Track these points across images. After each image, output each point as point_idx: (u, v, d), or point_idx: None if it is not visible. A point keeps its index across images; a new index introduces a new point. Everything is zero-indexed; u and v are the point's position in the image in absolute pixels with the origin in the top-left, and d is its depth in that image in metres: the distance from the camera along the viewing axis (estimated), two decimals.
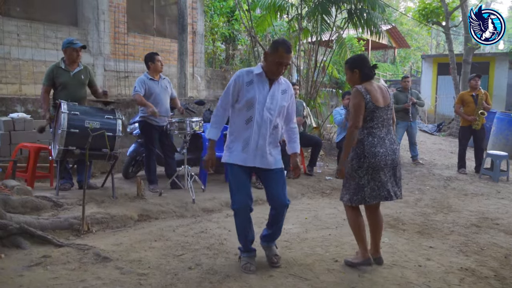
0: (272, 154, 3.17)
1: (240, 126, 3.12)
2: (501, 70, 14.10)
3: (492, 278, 3.14)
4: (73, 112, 4.39)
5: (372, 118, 3.14)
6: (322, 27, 8.29)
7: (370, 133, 3.15)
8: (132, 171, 5.96)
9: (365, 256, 3.21)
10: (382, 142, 3.15)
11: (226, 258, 3.37)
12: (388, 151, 3.16)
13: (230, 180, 3.20)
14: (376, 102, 3.13)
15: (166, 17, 10.61)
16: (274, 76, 3.09)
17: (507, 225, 4.54)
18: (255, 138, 3.09)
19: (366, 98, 3.11)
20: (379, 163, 3.11)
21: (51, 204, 4.23)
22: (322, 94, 9.92)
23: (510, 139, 9.26)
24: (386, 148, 3.15)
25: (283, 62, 3.01)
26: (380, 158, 3.11)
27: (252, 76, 3.09)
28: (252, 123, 3.08)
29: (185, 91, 8.79)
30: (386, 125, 3.22)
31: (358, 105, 3.10)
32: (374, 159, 3.10)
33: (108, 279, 2.90)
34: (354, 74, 3.24)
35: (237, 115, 3.14)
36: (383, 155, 3.12)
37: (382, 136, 3.17)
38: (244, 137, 3.11)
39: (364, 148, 3.12)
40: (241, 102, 3.08)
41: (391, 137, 3.25)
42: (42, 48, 7.81)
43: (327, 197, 5.73)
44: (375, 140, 3.14)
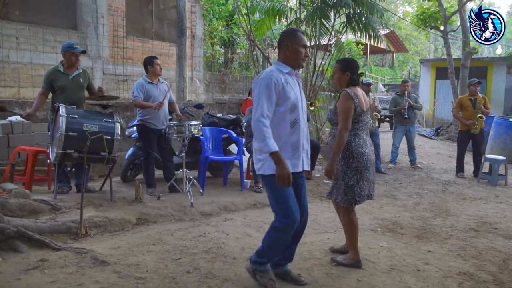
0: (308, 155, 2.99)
1: (286, 131, 2.82)
2: (499, 75, 14.14)
3: (490, 282, 3.14)
4: (72, 115, 4.39)
5: (358, 121, 3.32)
6: (320, 31, 8.30)
7: (356, 134, 3.31)
8: (131, 175, 5.95)
9: (355, 259, 3.32)
10: (365, 143, 3.34)
11: (225, 262, 3.36)
12: (369, 151, 3.35)
13: (280, 190, 2.77)
14: (362, 106, 3.32)
15: (165, 21, 10.64)
16: (301, 64, 2.90)
17: (506, 229, 4.54)
18: (302, 141, 2.90)
19: (355, 102, 3.26)
20: (366, 163, 3.29)
21: (49, 208, 4.21)
22: (321, 98, 9.93)
23: (508, 143, 9.27)
24: (369, 149, 3.35)
25: (306, 44, 2.88)
26: (367, 158, 3.29)
27: (285, 75, 2.84)
28: (297, 125, 2.85)
29: (183, 94, 8.80)
30: (366, 128, 3.42)
31: (349, 108, 3.24)
32: (362, 158, 3.27)
33: (106, 283, 2.88)
34: (345, 76, 3.35)
35: (281, 120, 2.80)
36: (368, 155, 3.31)
37: (364, 138, 3.36)
38: (292, 142, 2.84)
39: (352, 149, 3.27)
40: (284, 105, 2.78)
41: (369, 139, 3.46)
42: (41, 51, 7.83)
43: (325, 201, 5.72)
44: (360, 141, 3.31)
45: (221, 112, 8.99)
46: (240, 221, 4.55)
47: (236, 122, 6.73)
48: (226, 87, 12.48)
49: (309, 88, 8.74)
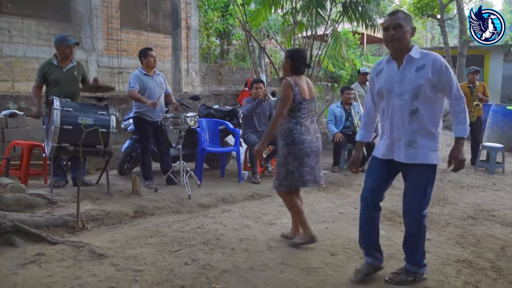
0: (414, 146, 2.74)
1: (382, 119, 2.92)
2: (496, 63, 14.12)
3: (489, 269, 3.14)
4: (66, 108, 4.34)
5: (300, 109, 3.45)
6: (317, 21, 8.24)
7: (298, 122, 3.45)
8: (127, 168, 5.92)
9: (307, 235, 3.48)
10: (308, 130, 3.47)
11: (223, 253, 3.35)
12: (313, 139, 3.48)
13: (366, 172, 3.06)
14: (303, 95, 3.45)
15: (160, 12, 10.53)
16: (392, 47, 2.73)
17: (503, 216, 4.55)
18: (390, 130, 2.82)
19: (295, 90, 3.42)
20: (306, 149, 3.43)
21: (45, 202, 4.19)
22: (318, 88, 9.89)
23: (505, 131, 9.27)
24: (311, 136, 3.48)
25: (387, 26, 2.72)
26: (308, 145, 3.44)
27: (382, 65, 2.86)
28: (386, 114, 2.84)
29: (179, 86, 8.74)
30: (310, 115, 3.56)
31: (288, 96, 3.41)
32: (303, 145, 3.42)
33: (104, 276, 2.87)
34: (287, 65, 3.54)
35: (379, 109, 2.94)
36: (310, 142, 3.45)
37: (307, 125, 3.48)
38: (384, 130, 2.90)
39: (293, 137, 3.42)
40: (376, 95, 2.90)
41: (315, 127, 3.59)
42: (34, 44, 7.75)
43: (323, 191, 5.71)
44: (302, 129, 3.45)
45: (217, 103, 8.94)
46: (238, 212, 4.54)
47: (233, 113, 6.69)
48: (222, 79, 12.41)
49: None
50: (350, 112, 6.91)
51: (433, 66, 2.66)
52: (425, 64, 2.68)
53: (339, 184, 6.07)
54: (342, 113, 6.87)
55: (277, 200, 3.93)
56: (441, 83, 2.67)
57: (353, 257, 3.30)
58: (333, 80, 14.30)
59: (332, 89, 13.14)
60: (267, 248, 3.47)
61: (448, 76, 2.67)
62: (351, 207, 4.86)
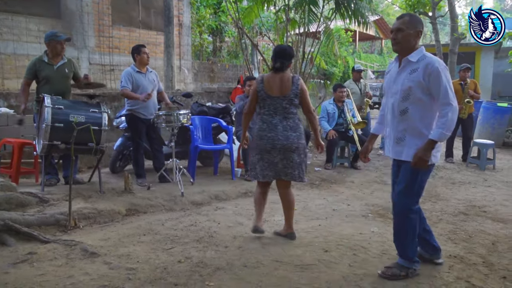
0: (402, 144, 2.85)
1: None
2: (486, 60, 14.18)
3: (480, 264, 3.17)
4: (57, 106, 4.30)
5: (264, 105, 3.53)
6: (309, 18, 8.23)
7: (261, 118, 3.56)
8: (120, 166, 5.88)
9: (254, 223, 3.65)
10: (273, 127, 3.49)
11: (216, 250, 3.34)
12: (278, 136, 3.48)
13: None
14: (269, 92, 3.49)
15: (152, 9, 10.46)
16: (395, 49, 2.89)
17: (494, 212, 4.59)
18: (387, 127, 3.02)
19: (259, 87, 3.52)
20: (265, 145, 3.50)
21: (36, 200, 4.15)
22: (310, 85, 9.90)
23: (496, 128, 9.36)
24: (277, 133, 3.48)
25: (392, 30, 2.88)
26: (267, 142, 3.49)
27: (391, 65, 3.03)
28: (384, 111, 3.08)
29: (172, 83, 8.70)
30: (281, 112, 3.51)
31: (252, 92, 3.60)
32: (261, 141, 3.51)
33: (96, 275, 2.85)
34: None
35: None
36: (271, 139, 3.48)
37: (274, 123, 3.50)
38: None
39: (255, 131, 3.58)
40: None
41: (288, 125, 3.51)
42: (24, 41, 7.66)
43: (316, 188, 5.73)
44: (264, 125, 3.52)
45: (210, 101, 8.91)
46: (231, 209, 4.54)
47: (225, 111, 6.68)
48: (215, 76, 12.37)
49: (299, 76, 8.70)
50: (342, 109, 6.92)
51: (425, 70, 2.74)
52: (418, 67, 2.77)
53: (331, 181, 6.09)
54: (334, 110, 6.89)
55: (270, 198, 3.93)
56: (431, 87, 2.74)
57: (346, 253, 3.32)
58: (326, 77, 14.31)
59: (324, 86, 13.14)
60: (260, 245, 3.47)
61: (438, 81, 2.71)
62: (344, 204, 4.88)
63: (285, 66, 3.54)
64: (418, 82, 2.75)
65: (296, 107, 3.57)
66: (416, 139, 2.80)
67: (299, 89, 3.52)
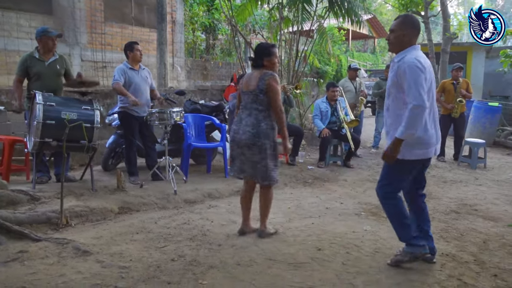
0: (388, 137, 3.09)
1: None
2: (478, 59, 14.30)
3: (472, 262, 3.20)
4: (49, 103, 4.26)
5: (241, 100, 3.64)
6: (303, 16, 8.24)
7: (239, 113, 3.64)
8: (112, 163, 5.85)
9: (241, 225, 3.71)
10: (239, 121, 3.57)
11: (210, 249, 3.34)
12: (239, 130, 3.52)
13: None
14: (243, 87, 3.60)
15: (145, 6, 10.40)
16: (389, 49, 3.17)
17: (485, 211, 4.64)
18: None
19: (240, 83, 3.71)
20: (231, 139, 3.61)
21: (27, 198, 4.11)
22: (303, 83, 9.90)
23: (487, 127, 9.45)
24: (239, 128, 3.53)
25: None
26: (232, 135, 3.59)
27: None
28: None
29: (165, 81, 8.65)
30: (248, 108, 3.54)
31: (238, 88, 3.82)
32: (232, 133, 3.60)
33: (89, 273, 2.83)
34: None
35: None
36: (235, 132, 3.56)
37: (242, 117, 3.57)
38: None
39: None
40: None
41: (251, 121, 3.49)
42: (15, 37, 7.56)
43: (309, 187, 5.74)
44: (236, 119, 3.63)
45: (203, 98, 8.89)
46: (224, 208, 4.53)
47: (219, 109, 6.66)
48: (208, 74, 12.33)
49: (292, 74, 8.71)
50: (335, 107, 6.93)
51: (398, 69, 2.91)
52: (395, 67, 2.96)
53: (324, 179, 6.10)
54: (327, 108, 6.89)
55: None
56: (402, 85, 2.88)
57: (339, 252, 3.33)
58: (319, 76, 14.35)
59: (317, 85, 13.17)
60: (254, 243, 3.46)
61: (406, 81, 2.83)
62: (337, 203, 4.90)
63: (258, 63, 3.53)
64: (393, 81, 2.96)
65: (261, 103, 3.47)
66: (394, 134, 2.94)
67: (265, 85, 3.43)
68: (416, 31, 3.00)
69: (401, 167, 2.98)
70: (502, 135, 10.07)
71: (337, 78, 15.39)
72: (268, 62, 3.51)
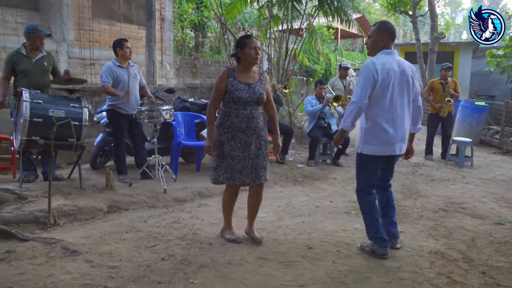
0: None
1: None
2: (465, 59, 14.47)
3: (460, 260, 3.24)
4: (36, 100, 4.19)
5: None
6: (292, 15, 8.25)
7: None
8: (100, 162, 5.78)
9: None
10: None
11: (200, 248, 3.32)
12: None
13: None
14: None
15: (133, 3, 10.29)
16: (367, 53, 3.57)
17: (473, 208, 4.69)
18: None
19: None
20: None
21: (14, 197, 4.05)
22: (293, 82, 9.92)
23: (473, 126, 9.57)
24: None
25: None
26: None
27: None
28: None
29: (154, 79, 8.58)
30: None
31: None
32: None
33: (78, 273, 2.79)
34: None
35: None
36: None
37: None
38: None
39: None
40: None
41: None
42: (1, 34, 7.43)
43: (299, 185, 5.75)
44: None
45: (193, 96, 8.83)
46: (214, 206, 4.51)
47: None
48: (197, 72, 12.26)
49: (281, 73, 8.71)
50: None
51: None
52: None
53: (314, 178, 6.12)
54: (317, 105, 6.92)
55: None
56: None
57: (330, 250, 3.34)
58: (308, 74, 14.37)
59: (307, 83, 13.20)
60: (245, 242, 3.45)
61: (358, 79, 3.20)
62: (327, 201, 4.91)
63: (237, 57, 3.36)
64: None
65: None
66: (360, 131, 3.30)
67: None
68: (392, 36, 3.22)
69: (363, 162, 3.29)
70: (488, 134, 10.22)
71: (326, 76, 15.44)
72: (241, 53, 3.30)
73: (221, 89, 3.28)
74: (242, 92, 3.26)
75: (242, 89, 3.27)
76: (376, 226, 3.26)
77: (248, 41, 3.30)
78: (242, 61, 3.34)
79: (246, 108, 3.28)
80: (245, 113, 3.28)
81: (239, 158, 3.30)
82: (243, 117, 3.28)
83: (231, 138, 3.30)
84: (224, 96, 3.29)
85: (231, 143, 3.30)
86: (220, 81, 3.29)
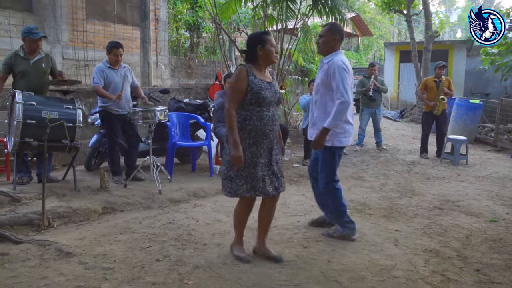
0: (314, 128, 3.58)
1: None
2: (459, 58, 14.54)
3: (455, 258, 3.25)
4: (29, 102, 4.18)
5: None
6: (287, 15, 8.24)
7: None
8: (95, 163, 5.77)
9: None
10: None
11: (195, 248, 3.31)
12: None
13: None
14: None
15: (127, 3, 10.25)
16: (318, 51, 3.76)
17: (468, 206, 4.71)
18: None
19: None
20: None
21: (8, 199, 4.03)
22: (288, 82, 9.92)
23: (468, 124, 9.61)
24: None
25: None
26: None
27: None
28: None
29: (148, 80, 8.57)
30: None
31: None
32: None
33: (72, 275, 2.78)
34: None
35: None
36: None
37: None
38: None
39: None
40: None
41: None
42: None
43: (294, 184, 5.75)
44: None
45: (188, 97, 8.82)
46: (209, 207, 4.51)
47: (203, 107, 6.62)
48: (193, 72, 12.25)
49: (277, 72, 8.71)
50: None
51: (328, 69, 3.39)
52: (325, 68, 3.44)
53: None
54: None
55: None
56: (331, 83, 3.37)
57: (324, 249, 3.34)
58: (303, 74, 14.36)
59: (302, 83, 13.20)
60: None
61: (335, 79, 3.33)
62: None
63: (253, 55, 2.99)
64: (323, 79, 3.45)
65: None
66: (321, 124, 3.40)
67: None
68: (341, 37, 3.52)
69: (331, 154, 3.50)
70: (483, 132, 10.26)
71: None
72: (262, 50, 2.94)
73: (242, 90, 2.89)
74: (267, 92, 2.92)
75: (266, 87, 2.93)
76: (344, 210, 3.58)
77: (269, 38, 2.97)
78: (261, 58, 2.96)
79: (269, 110, 2.97)
80: (269, 115, 2.96)
81: (261, 165, 2.94)
82: (267, 120, 2.94)
83: (253, 144, 2.92)
84: (244, 97, 2.92)
85: (253, 149, 2.92)
86: (240, 81, 2.89)
